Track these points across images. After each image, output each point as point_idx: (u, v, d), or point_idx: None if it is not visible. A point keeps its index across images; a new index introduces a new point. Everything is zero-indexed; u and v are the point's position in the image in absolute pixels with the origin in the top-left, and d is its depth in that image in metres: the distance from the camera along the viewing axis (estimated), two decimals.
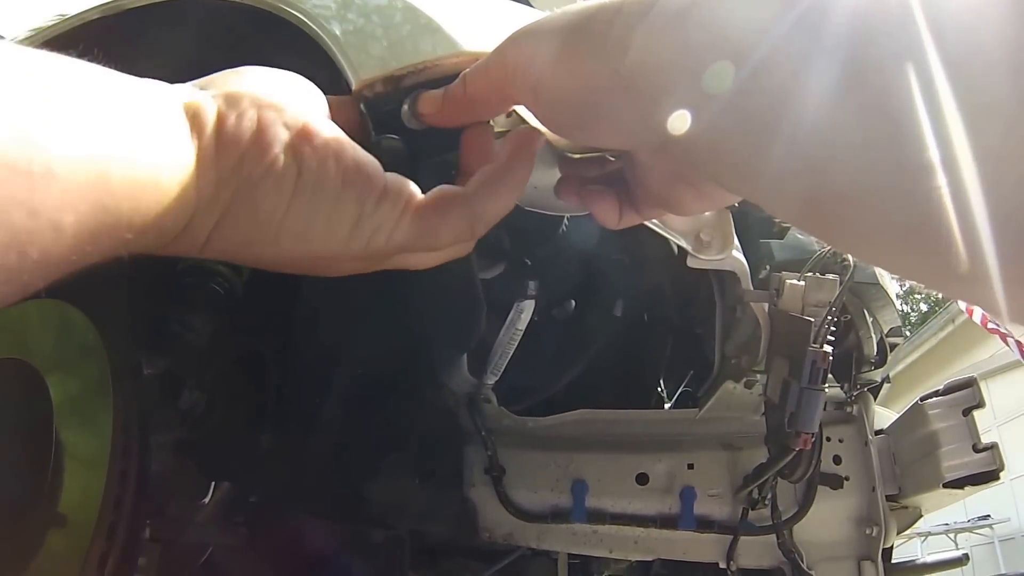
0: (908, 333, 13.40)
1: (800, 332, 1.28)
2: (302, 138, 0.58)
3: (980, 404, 1.79)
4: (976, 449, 1.74)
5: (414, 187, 0.66)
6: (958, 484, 1.74)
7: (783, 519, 1.73)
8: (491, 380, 1.74)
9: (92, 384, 1.32)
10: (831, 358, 1.25)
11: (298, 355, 1.81)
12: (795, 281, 1.38)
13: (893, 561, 2.08)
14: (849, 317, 1.69)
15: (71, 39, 1.15)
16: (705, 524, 1.78)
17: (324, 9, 0.95)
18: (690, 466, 1.80)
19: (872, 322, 1.73)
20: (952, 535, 11.41)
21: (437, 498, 1.86)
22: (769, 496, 1.72)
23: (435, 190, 0.67)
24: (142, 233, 0.50)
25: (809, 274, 1.39)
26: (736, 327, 1.59)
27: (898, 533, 1.93)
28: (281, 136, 0.57)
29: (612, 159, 0.77)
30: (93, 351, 1.34)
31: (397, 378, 1.79)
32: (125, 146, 0.48)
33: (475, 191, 0.68)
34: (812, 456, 1.53)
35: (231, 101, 0.58)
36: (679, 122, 0.51)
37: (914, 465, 1.85)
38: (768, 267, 1.54)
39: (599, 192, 0.76)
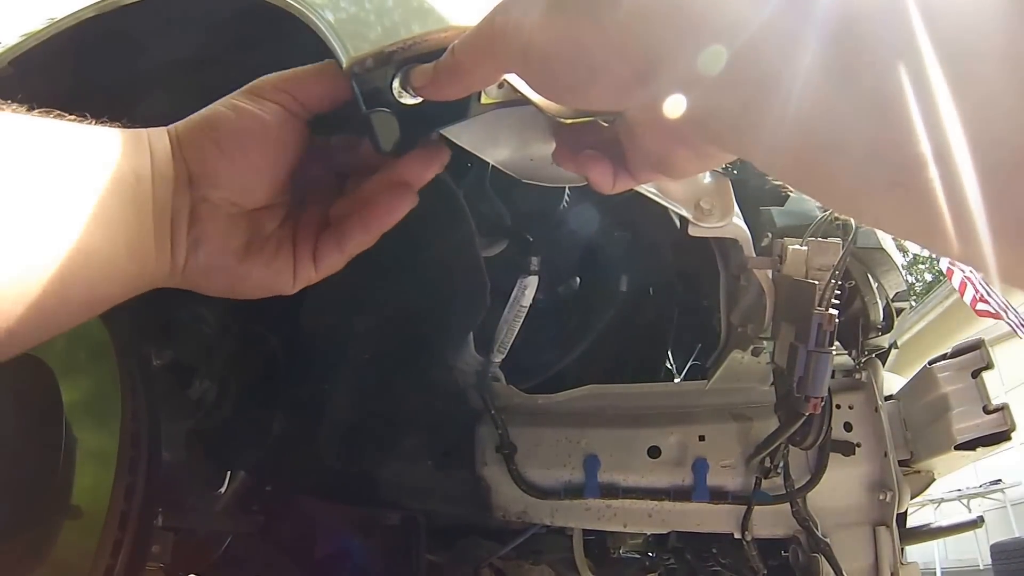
0: (913, 303, 13.40)
1: (805, 296, 1.28)
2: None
3: (989, 365, 1.79)
4: (987, 410, 1.75)
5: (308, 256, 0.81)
6: (970, 446, 1.74)
7: (796, 487, 1.73)
8: (498, 358, 1.74)
9: (102, 376, 1.32)
10: (837, 320, 1.25)
11: (307, 341, 1.82)
12: (798, 246, 1.37)
13: (908, 526, 2.08)
14: (854, 283, 1.69)
15: (67, 40, 1.15)
16: (719, 495, 1.78)
17: None
18: (701, 438, 1.79)
19: (877, 287, 1.73)
20: (965, 501, 11.42)
21: (450, 479, 1.87)
22: (781, 465, 1.71)
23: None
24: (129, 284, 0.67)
25: (811, 238, 1.39)
26: (741, 295, 1.59)
27: (912, 497, 1.93)
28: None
29: (605, 124, 0.78)
30: (101, 344, 1.34)
31: (407, 361, 1.79)
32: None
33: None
34: (823, 422, 1.53)
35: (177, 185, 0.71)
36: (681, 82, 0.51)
37: (925, 429, 1.85)
38: (770, 234, 1.53)
39: (593, 156, 0.76)
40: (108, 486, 1.25)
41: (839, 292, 1.30)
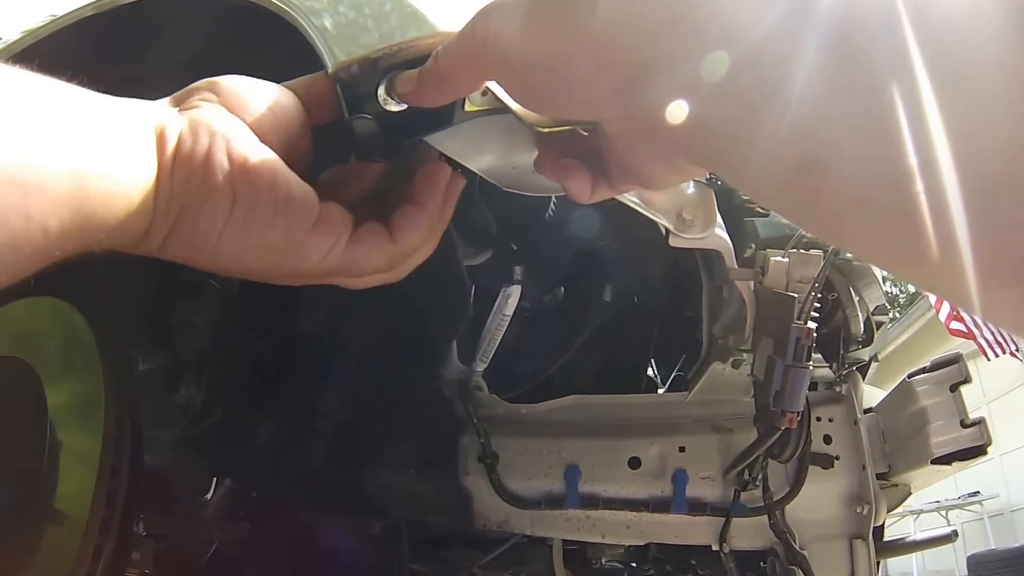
0: (897, 315, 13.46)
1: (784, 309, 1.29)
2: (241, 170, 0.66)
3: (967, 380, 1.81)
4: (964, 424, 1.76)
5: (347, 221, 0.73)
6: (946, 460, 1.75)
7: (775, 500, 1.74)
8: (480, 367, 1.75)
9: (88, 380, 1.32)
10: (815, 334, 1.26)
11: (295, 348, 1.82)
12: (779, 258, 1.38)
13: (885, 539, 2.09)
14: (836, 295, 1.70)
15: (67, 38, 1.15)
16: (697, 507, 1.78)
17: (312, 1, 0.95)
18: (681, 449, 1.80)
19: (858, 300, 1.74)
20: (943, 512, 11.47)
21: (434, 488, 1.87)
22: (760, 477, 1.72)
23: (364, 227, 0.74)
24: (113, 233, 0.61)
25: (793, 250, 1.40)
26: (723, 307, 1.59)
27: (889, 510, 1.95)
28: (223, 165, 0.65)
29: (584, 133, 0.78)
30: (87, 348, 1.34)
31: (392, 369, 1.80)
32: (101, 162, 0.58)
33: (396, 231, 0.76)
34: (801, 435, 1.54)
35: (192, 125, 0.66)
36: (652, 96, 0.52)
37: (903, 442, 1.86)
38: (753, 245, 1.54)
39: (571, 165, 0.76)
40: (91, 491, 1.25)
41: (820, 305, 1.31)
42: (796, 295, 1.28)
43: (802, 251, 1.38)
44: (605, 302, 1.88)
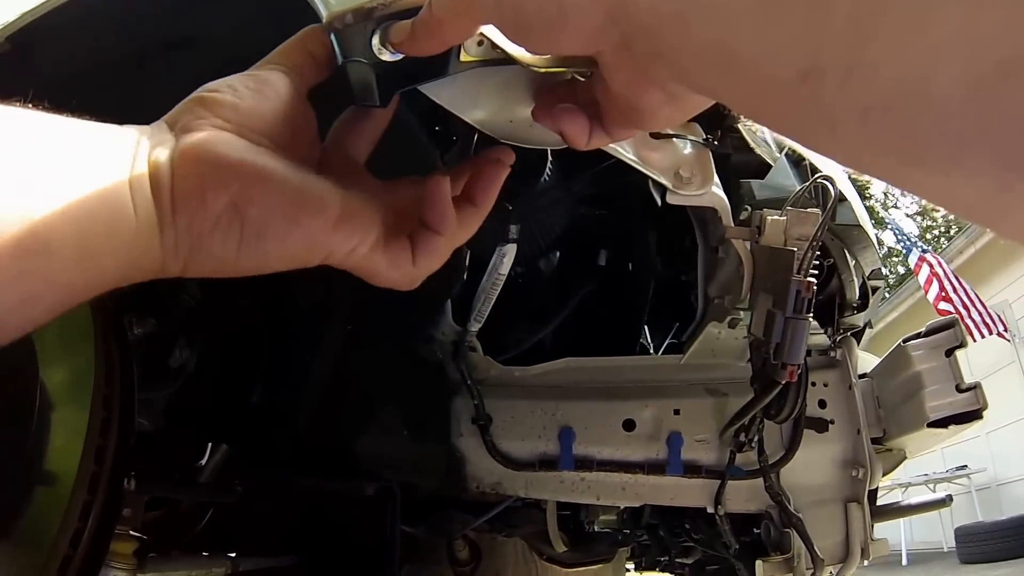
0: (886, 295, 13.50)
1: (783, 264, 1.29)
2: (243, 192, 0.64)
3: (962, 344, 1.81)
4: (959, 389, 1.76)
5: (375, 224, 0.73)
6: (942, 423, 1.75)
7: (770, 463, 1.74)
8: (475, 327, 1.74)
9: (85, 349, 1.31)
10: (815, 288, 1.25)
11: (288, 311, 1.81)
12: (776, 216, 1.38)
13: (878, 504, 2.10)
14: (832, 261, 1.69)
15: (65, 17, 1.14)
16: (692, 469, 1.79)
17: None
18: (676, 412, 1.80)
19: (854, 265, 1.74)
20: (932, 485, 11.58)
21: (427, 450, 1.86)
22: (756, 439, 1.72)
23: (396, 242, 0.75)
24: (125, 279, 0.64)
25: (790, 208, 1.40)
26: (718, 267, 1.59)
27: (883, 475, 1.95)
28: (223, 194, 0.64)
29: (581, 79, 0.78)
30: (83, 317, 1.33)
31: (386, 332, 1.79)
32: (104, 220, 0.59)
33: (417, 255, 0.77)
34: (798, 395, 1.54)
35: (184, 157, 0.64)
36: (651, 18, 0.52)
37: (898, 407, 1.87)
38: (749, 207, 1.54)
39: (568, 110, 0.77)
40: (78, 448, 1.24)
41: (817, 267, 1.30)
42: (795, 249, 1.27)
43: (799, 210, 1.37)
44: (600, 266, 1.88)
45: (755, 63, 0.48)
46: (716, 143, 1.31)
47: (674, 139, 1.25)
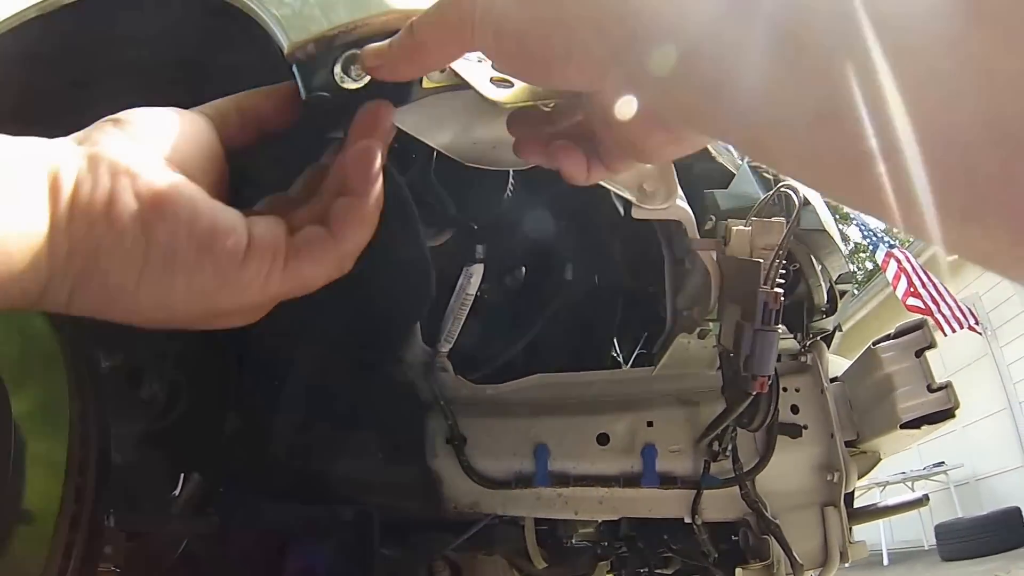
0: (855, 291, 13.58)
1: (750, 275, 1.29)
2: (153, 208, 0.58)
3: (932, 344, 1.82)
4: (931, 389, 1.77)
5: (279, 234, 0.66)
6: (915, 424, 1.76)
7: (745, 470, 1.75)
8: (445, 348, 1.74)
9: (52, 383, 1.30)
10: (783, 299, 1.26)
11: (258, 338, 1.80)
12: (742, 227, 1.38)
13: (855, 506, 2.11)
14: (798, 266, 1.70)
15: (12, 41, 1.13)
16: (668, 480, 1.79)
17: None
18: (649, 424, 1.80)
19: (821, 270, 1.75)
20: (910, 483, 11.63)
21: (402, 472, 1.86)
22: (730, 448, 1.73)
23: (302, 237, 0.67)
24: (4, 292, 0.54)
25: (755, 219, 1.40)
26: (686, 279, 1.60)
27: (859, 477, 1.96)
28: (130, 206, 0.58)
29: (547, 108, 0.77)
30: (51, 351, 1.32)
31: (357, 355, 1.79)
32: None
33: (339, 231, 0.68)
34: (770, 403, 1.54)
35: (92, 164, 0.58)
36: (658, 60, 0.51)
37: (871, 409, 1.88)
38: (713, 217, 1.54)
39: (565, 147, 0.74)
40: (58, 487, 1.24)
41: (784, 274, 1.31)
42: (761, 261, 1.28)
43: (764, 219, 1.38)
44: (567, 280, 1.88)
45: (771, 106, 0.46)
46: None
47: None
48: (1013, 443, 10.62)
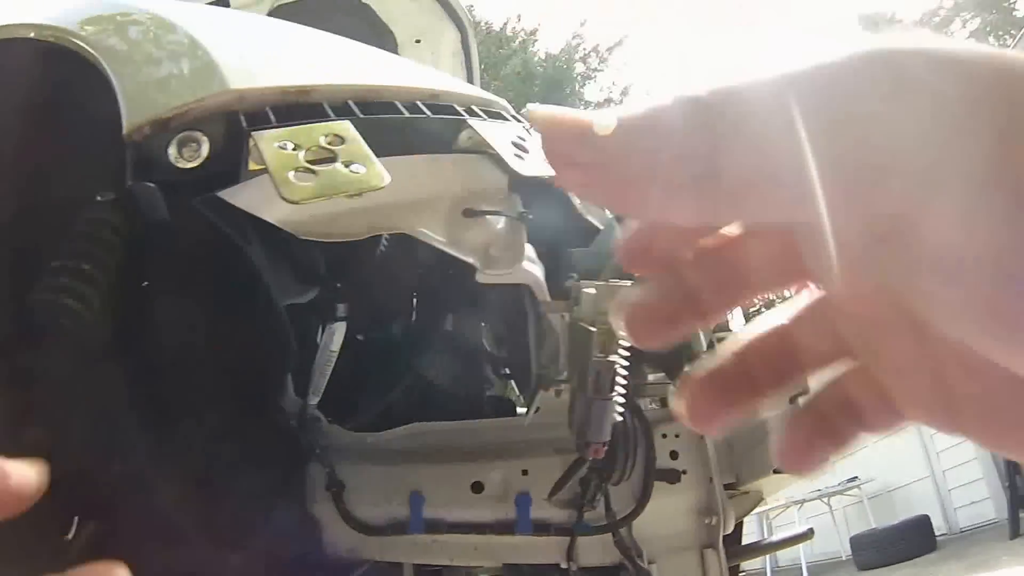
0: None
1: (586, 342, 1.28)
2: None
3: (805, 391, 1.83)
4: None
5: None
6: None
7: (621, 517, 1.75)
8: (313, 400, 1.73)
9: None
10: (617, 367, 1.25)
11: (145, 384, 1.78)
12: (590, 290, 1.37)
13: (742, 543, 2.13)
14: None
15: None
16: (542, 528, 1.79)
17: (109, 44, 0.93)
18: (524, 472, 1.80)
19: None
20: (826, 499, 11.81)
21: (284, 517, 1.84)
22: (595, 498, 1.73)
23: None
24: None
25: (601, 282, 1.39)
26: (547, 336, 1.60)
27: (740, 517, 1.98)
28: None
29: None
30: None
31: (239, 406, 1.77)
32: None
33: None
34: (627, 460, 1.54)
35: None
36: None
37: (748, 453, 1.89)
38: (574, 275, 1.54)
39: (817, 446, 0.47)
40: None
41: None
42: (595, 329, 1.27)
43: (611, 282, 1.37)
44: (447, 331, 1.88)
45: None
46: (531, 216, 1.31)
47: (487, 216, 1.24)
48: (920, 455, 10.89)
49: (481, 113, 1.23)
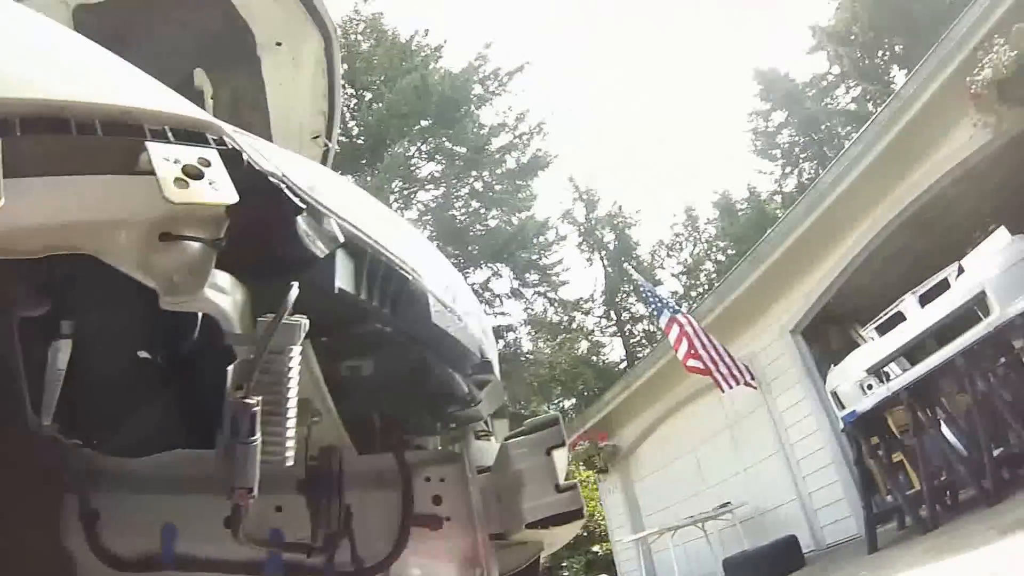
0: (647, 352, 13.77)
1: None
2: None
3: (562, 443, 1.80)
4: (559, 489, 1.75)
5: None
6: (542, 524, 1.74)
7: (373, 564, 1.71)
8: (46, 420, 1.64)
9: None
10: (256, 408, 1.21)
11: None
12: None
13: None
14: (424, 358, 1.65)
15: None
16: (294, 569, 1.73)
17: None
18: (278, 509, 1.75)
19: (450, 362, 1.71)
20: (700, 524, 11.94)
21: (36, 552, 1.75)
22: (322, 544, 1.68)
23: None
24: None
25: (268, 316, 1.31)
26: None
27: (515, 570, 1.95)
28: None
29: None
30: None
31: None
32: None
33: None
34: (340, 511, 1.50)
35: None
36: None
37: (508, 504, 1.85)
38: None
39: None
40: None
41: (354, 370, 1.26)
42: (229, 368, 1.24)
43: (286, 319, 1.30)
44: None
45: None
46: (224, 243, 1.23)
47: (181, 241, 1.18)
48: (787, 480, 11.12)
49: (169, 135, 1.18)
